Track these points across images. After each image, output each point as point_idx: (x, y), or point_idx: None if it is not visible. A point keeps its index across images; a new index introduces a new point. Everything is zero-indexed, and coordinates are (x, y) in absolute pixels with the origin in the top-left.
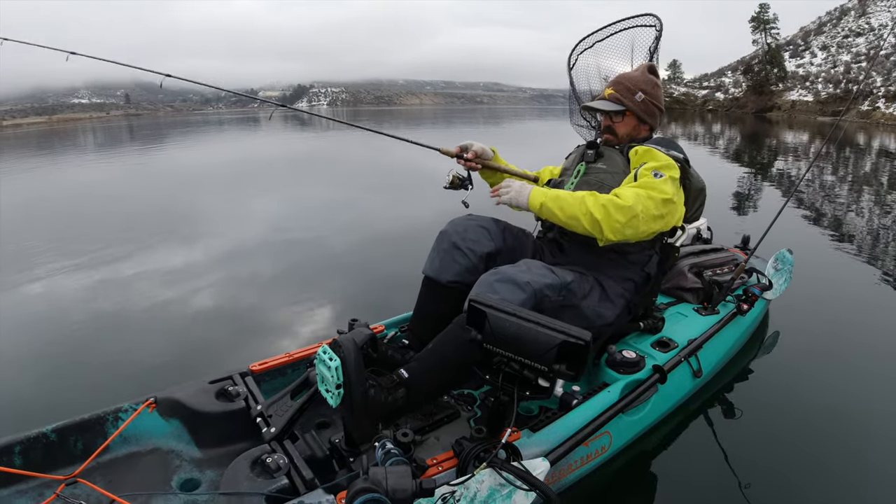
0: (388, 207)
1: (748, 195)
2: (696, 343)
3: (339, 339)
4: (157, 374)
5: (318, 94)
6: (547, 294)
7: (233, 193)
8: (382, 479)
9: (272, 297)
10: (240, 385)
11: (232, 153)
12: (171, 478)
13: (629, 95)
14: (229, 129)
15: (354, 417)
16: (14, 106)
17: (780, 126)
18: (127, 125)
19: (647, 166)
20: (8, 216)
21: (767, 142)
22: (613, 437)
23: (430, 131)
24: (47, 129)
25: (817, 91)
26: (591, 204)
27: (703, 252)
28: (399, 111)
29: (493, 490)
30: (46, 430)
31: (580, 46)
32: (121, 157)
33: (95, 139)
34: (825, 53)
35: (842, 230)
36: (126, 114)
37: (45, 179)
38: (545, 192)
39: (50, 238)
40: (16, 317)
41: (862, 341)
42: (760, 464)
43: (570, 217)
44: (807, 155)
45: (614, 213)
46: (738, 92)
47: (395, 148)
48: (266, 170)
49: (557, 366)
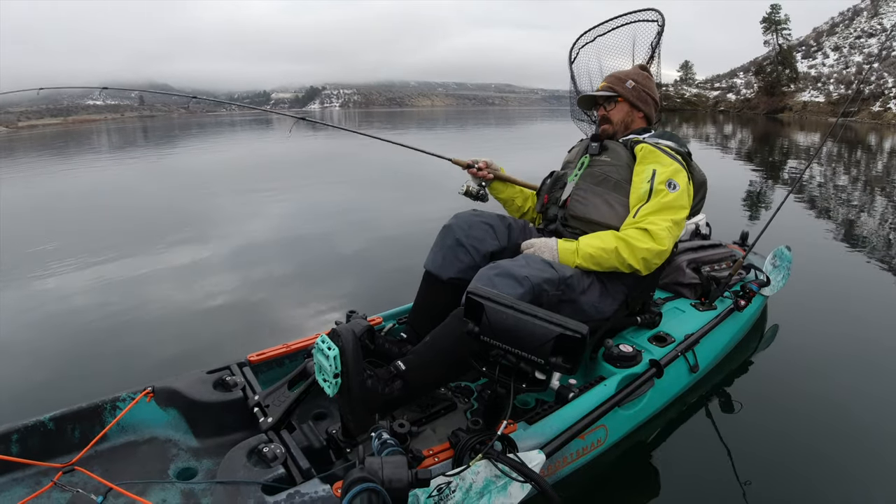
0: (397, 201)
1: (748, 192)
2: (693, 338)
3: (338, 328)
4: (155, 358)
5: (331, 95)
6: (545, 289)
7: (248, 193)
8: (378, 469)
9: (278, 288)
10: (237, 375)
11: (249, 154)
12: (168, 467)
13: (620, 83)
14: (242, 130)
15: (351, 407)
16: (29, 107)
17: (791, 127)
18: (142, 126)
19: (660, 177)
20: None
21: (775, 142)
22: (609, 431)
23: (443, 133)
24: (63, 130)
25: (829, 92)
26: (628, 256)
27: (702, 248)
28: (411, 113)
29: (489, 481)
30: (44, 419)
31: (581, 40)
32: (141, 158)
33: (111, 140)
34: (837, 54)
35: (841, 227)
36: (140, 115)
37: (67, 179)
38: (574, 252)
39: (69, 233)
40: (27, 309)
41: (859, 337)
42: (756, 458)
43: (610, 268)
44: (813, 154)
45: (653, 259)
46: (750, 93)
47: (401, 148)
48: (287, 169)
49: (554, 359)
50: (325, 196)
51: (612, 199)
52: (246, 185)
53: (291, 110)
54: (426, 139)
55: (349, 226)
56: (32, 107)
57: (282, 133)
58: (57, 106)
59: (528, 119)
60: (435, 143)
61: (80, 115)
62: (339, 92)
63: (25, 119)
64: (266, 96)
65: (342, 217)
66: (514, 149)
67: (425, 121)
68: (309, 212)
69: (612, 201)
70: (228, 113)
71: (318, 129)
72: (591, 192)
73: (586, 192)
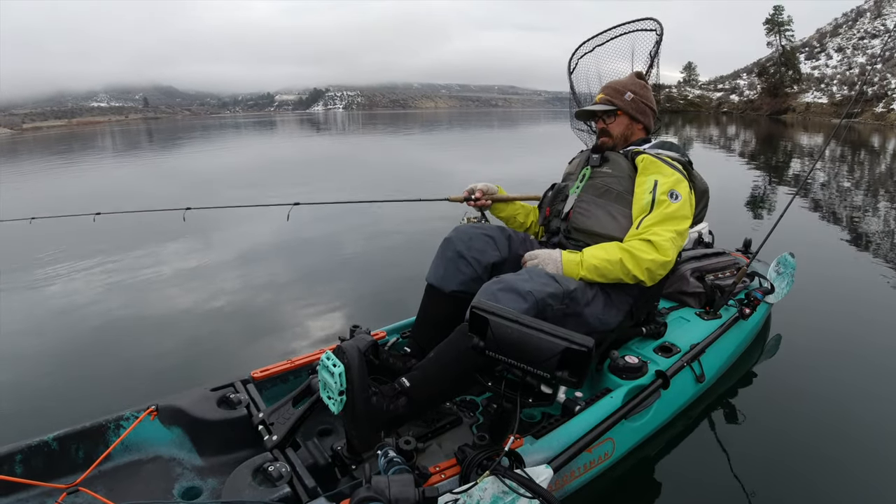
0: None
1: (751, 198)
2: (699, 348)
3: (343, 345)
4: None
5: (334, 97)
6: (549, 303)
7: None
8: (385, 489)
9: (281, 298)
10: (241, 392)
11: (256, 156)
12: (172, 486)
13: (618, 96)
14: (247, 132)
15: (356, 425)
16: (34, 109)
17: (794, 128)
18: (146, 129)
19: (662, 187)
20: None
21: (777, 144)
22: (616, 444)
23: (446, 135)
24: (67, 132)
25: (832, 93)
26: (633, 267)
27: (705, 256)
28: (414, 115)
29: (497, 498)
30: (48, 439)
31: (580, 50)
32: (151, 159)
33: (115, 143)
34: (840, 55)
35: (845, 233)
36: (145, 117)
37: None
38: (578, 264)
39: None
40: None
41: (865, 343)
42: (765, 469)
43: (614, 280)
44: (817, 157)
45: (658, 270)
46: (753, 94)
47: (410, 150)
48: (293, 169)
49: (560, 373)
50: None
51: (614, 210)
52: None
53: (295, 112)
54: (431, 142)
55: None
56: (37, 109)
57: (283, 136)
58: (61, 108)
59: (533, 121)
60: (440, 145)
61: (84, 116)
62: (343, 94)
63: (30, 121)
64: (270, 98)
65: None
66: (517, 154)
67: (429, 122)
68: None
69: (615, 213)
70: (232, 115)
71: (322, 132)
72: (594, 203)
73: (589, 205)
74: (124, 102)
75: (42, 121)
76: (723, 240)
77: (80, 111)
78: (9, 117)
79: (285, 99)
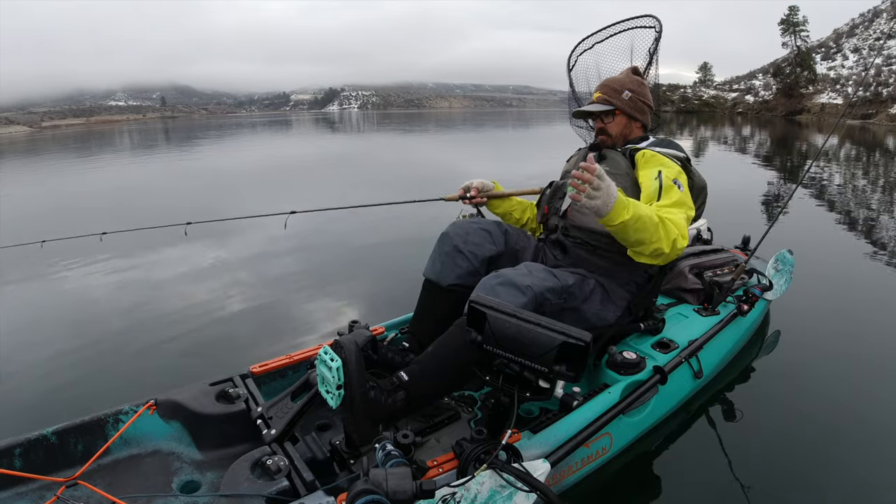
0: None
1: (751, 195)
2: (697, 344)
3: (341, 339)
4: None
5: (349, 97)
6: (548, 297)
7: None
8: (383, 481)
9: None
10: (240, 387)
11: (272, 155)
12: (171, 480)
13: (616, 95)
14: (263, 131)
15: (354, 419)
16: (52, 108)
17: (809, 129)
18: (163, 127)
19: (667, 174)
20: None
21: (792, 144)
22: (614, 439)
23: (460, 134)
24: (86, 130)
25: (847, 94)
26: (664, 235)
27: (704, 253)
28: (429, 114)
29: (494, 491)
30: (47, 433)
31: (580, 48)
32: (173, 158)
33: (133, 141)
34: (856, 56)
35: (844, 231)
36: (162, 116)
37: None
38: (626, 207)
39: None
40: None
41: (864, 341)
42: (762, 464)
43: (638, 241)
44: (831, 157)
45: (678, 245)
46: (768, 94)
47: (418, 149)
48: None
49: (558, 367)
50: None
51: None
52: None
53: (310, 111)
54: (444, 140)
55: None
56: (55, 107)
57: (289, 138)
58: (80, 106)
59: (547, 121)
60: (452, 144)
61: (102, 115)
62: (358, 93)
63: (49, 119)
64: (286, 97)
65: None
66: (529, 154)
67: (443, 121)
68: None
69: None
70: (248, 114)
71: (337, 131)
72: None
73: None
74: (142, 101)
75: (60, 119)
76: (721, 237)
77: (98, 110)
78: (28, 115)
79: (301, 98)
